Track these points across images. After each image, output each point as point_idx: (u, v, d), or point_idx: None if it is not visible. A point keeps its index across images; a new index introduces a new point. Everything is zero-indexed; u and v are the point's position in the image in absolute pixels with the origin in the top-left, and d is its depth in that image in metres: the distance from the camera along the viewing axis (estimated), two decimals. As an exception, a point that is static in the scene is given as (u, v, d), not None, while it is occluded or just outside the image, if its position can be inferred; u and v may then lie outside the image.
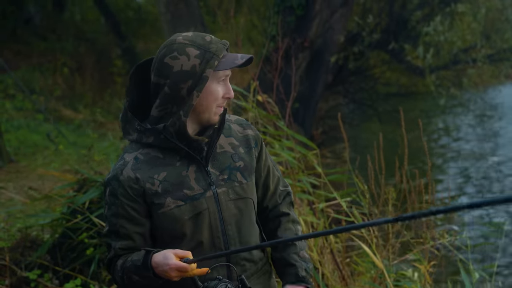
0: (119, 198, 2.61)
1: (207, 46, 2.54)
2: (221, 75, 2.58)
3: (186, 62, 2.52)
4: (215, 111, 2.61)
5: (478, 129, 18.00)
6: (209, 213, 2.62)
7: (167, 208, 2.58)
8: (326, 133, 15.40)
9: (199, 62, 2.52)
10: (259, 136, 2.84)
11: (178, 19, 13.54)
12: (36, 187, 8.11)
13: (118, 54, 20.23)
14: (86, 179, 6.00)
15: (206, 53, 2.52)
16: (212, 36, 2.61)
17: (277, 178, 2.90)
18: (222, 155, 2.71)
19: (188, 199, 2.60)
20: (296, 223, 2.89)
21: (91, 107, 16.51)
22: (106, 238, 2.69)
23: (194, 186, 2.61)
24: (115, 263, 2.67)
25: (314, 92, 12.79)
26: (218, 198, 2.64)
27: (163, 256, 2.47)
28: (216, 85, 2.58)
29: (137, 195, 2.59)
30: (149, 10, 22.96)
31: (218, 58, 2.53)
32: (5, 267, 5.52)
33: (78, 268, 5.54)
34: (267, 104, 5.88)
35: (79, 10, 23.10)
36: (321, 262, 4.96)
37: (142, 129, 2.63)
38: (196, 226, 2.61)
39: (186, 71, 2.53)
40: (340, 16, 12.63)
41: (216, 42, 2.57)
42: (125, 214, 2.61)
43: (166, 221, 2.61)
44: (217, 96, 2.59)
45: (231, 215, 2.67)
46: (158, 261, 2.48)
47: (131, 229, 2.62)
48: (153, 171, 2.61)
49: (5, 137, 11.12)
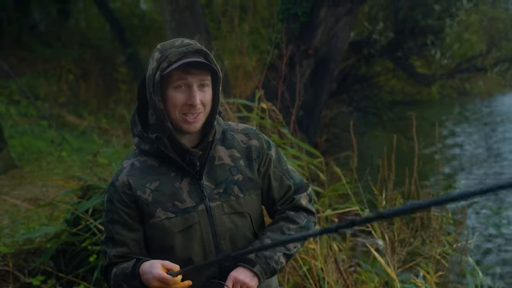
0: (114, 204, 2.61)
1: (167, 50, 2.50)
2: (175, 80, 2.50)
3: (151, 66, 2.52)
4: (181, 119, 2.54)
5: (484, 136, 17.97)
6: (201, 227, 2.59)
7: (157, 219, 2.57)
8: (330, 141, 15.39)
9: (156, 66, 2.49)
10: (263, 147, 2.76)
11: (183, 26, 13.55)
12: (40, 193, 8.10)
13: (122, 61, 20.26)
14: (90, 186, 6.00)
15: (162, 57, 2.49)
16: (186, 41, 2.55)
17: (287, 188, 2.79)
18: (220, 168, 2.67)
19: (179, 211, 2.57)
20: (289, 221, 2.74)
21: (95, 114, 16.54)
22: (102, 246, 2.69)
23: (186, 199, 2.59)
24: (110, 271, 2.67)
25: (318, 99, 12.77)
26: (212, 212, 2.60)
27: (149, 265, 2.47)
28: (173, 91, 2.51)
29: (130, 201, 2.59)
30: (153, 17, 22.99)
31: (169, 61, 2.46)
32: (9, 273, 5.52)
33: (81, 274, 5.54)
34: (272, 112, 5.87)
35: (84, 17, 23.16)
36: (325, 270, 4.94)
37: (140, 135, 2.64)
38: (186, 240, 2.58)
39: (149, 75, 2.53)
40: (344, 24, 12.62)
41: (180, 46, 2.51)
42: (120, 220, 2.61)
43: (156, 232, 2.59)
44: (175, 102, 2.51)
45: (226, 229, 2.62)
46: (144, 269, 2.47)
47: (126, 236, 2.62)
48: (146, 179, 2.60)
49: (10, 143, 11.12)
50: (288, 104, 6.31)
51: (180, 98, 2.51)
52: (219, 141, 2.72)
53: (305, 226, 2.76)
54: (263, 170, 2.74)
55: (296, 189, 2.81)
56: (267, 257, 2.61)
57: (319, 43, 12.43)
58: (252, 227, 2.71)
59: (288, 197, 2.80)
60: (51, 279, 5.54)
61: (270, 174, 2.76)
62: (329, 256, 5.07)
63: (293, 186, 2.81)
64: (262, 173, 2.74)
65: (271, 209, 2.81)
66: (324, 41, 12.50)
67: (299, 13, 12.24)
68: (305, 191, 2.84)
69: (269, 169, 2.76)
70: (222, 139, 2.73)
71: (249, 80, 14.18)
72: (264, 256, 2.61)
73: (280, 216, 2.77)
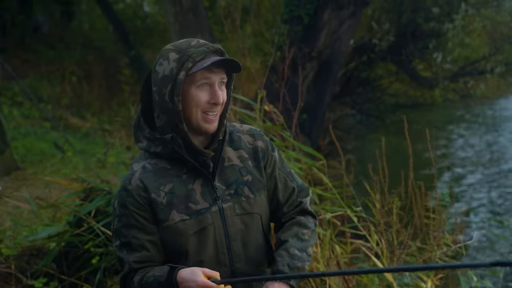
0: (128, 208, 2.58)
1: (187, 50, 2.52)
2: (198, 79, 2.52)
3: (167, 67, 2.52)
4: (202, 117, 2.56)
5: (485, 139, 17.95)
6: (214, 229, 2.60)
7: (172, 221, 2.56)
8: (333, 143, 15.38)
9: (175, 66, 2.50)
10: (268, 148, 2.78)
11: (186, 28, 13.57)
12: (42, 195, 8.11)
13: (126, 63, 20.26)
14: (93, 188, 6.00)
15: (183, 56, 2.50)
16: (201, 41, 2.57)
17: (291, 189, 2.82)
18: (230, 169, 2.68)
19: (193, 213, 2.57)
20: (302, 226, 2.78)
21: (98, 116, 16.54)
22: (118, 253, 2.63)
23: (199, 201, 2.59)
24: (130, 279, 2.62)
25: (321, 102, 12.78)
26: (224, 213, 2.61)
27: (190, 272, 2.44)
28: (196, 89, 2.53)
29: (146, 203, 2.58)
30: (157, 19, 22.99)
31: (193, 60, 2.48)
32: (11, 275, 5.52)
33: (84, 277, 5.53)
34: (273, 115, 5.87)
35: (87, 19, 23.16)
36: (327, 273, 4.93)
37: (151, 137, 2.62)
38: (200, 241, 2.58)
39: (166, 76, 2.52)
40: (348, 27, 12.63)
41: (199, 45, 2.53)
42: (136, 224, 2.58)
43: (170, 235, 2.58)
44: (198, 101, 2.53)
45: (237, 230, 2.64)
46: (184, 276, 2.44)
47: (144, 239, 2.59)
48: (159, 182, 2.59)
49: (12, 145, 11.12)
50: (290, 106, 6.31)
51: (204, 96, 2.54)
52: (227, 142, 2.73)
53: (314, 229, 2.82)
54: (269, 171, 2.77)
55: (299, 191, 2.84)
56: (299, 268, 2.65)
57: (322, 46, 12.45)
58: (262, 228, 2.73)
59: (293, 200, 2.83)
60: (53, 281, 5.53)
61: (276, 175, 2.79)
62: (331, 258, 5.07)
63: (296, 188, 2.84)
64: (268, 174, 2.76)
65: (276, 211, 2.82)
66: (327, 44, 12.52)
67: (303, 15, 12.25)
68: (308, 195, 2.88)
69: (274, 171, 2.79)
70: (230, 140, 2.75)
71: (252, 83, 14.18)
72: (297, 268, 2.64)
73: (291, 222, 2.80)
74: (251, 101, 5.90)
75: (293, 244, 2.68)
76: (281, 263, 2.62)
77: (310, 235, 2.77)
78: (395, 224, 4.90)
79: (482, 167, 14.24)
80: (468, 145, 17.01)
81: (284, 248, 2.67)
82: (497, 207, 10.56)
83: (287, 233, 2.74)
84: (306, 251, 2.70)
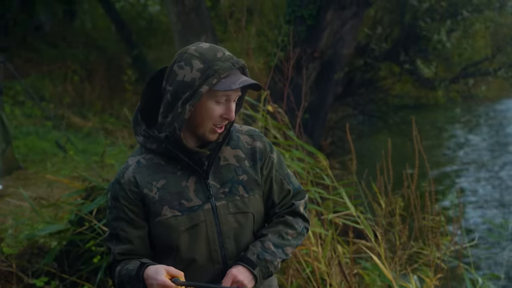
0: (120, 201, 2.62)
1: (213, 62, 2.51)
2: (219, 95, 2.54)
3: (189, 74, 2.52)
4: (210, 129, 2.59)
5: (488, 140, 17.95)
6: (206, 226, 2.61)
7: (164, 217, 2.58)
8: (335, 143, 15.37)
9: (199, 76, 2.50)
10: (266, 149, 2.78)
11: (189, 29, 13.55)
12: (44, 194, 8.10)
13: (128, 63, 20.25)
14: (94, 187, 6.00)
15: (209, 69, 2.50)
16: (227, 53, 2.57)
17: (286, 192, 2.82)
18: (225, 168, 2.69)
19: (185, 210, 2.59)
20: (287, 226, 2.76)
21: (100, 115, 16.53)
22: (107, 243, 2.69)
23: (192, 198, 2.61)
24: (114, 269, 2.66)
25: (324, 102, 12.78)
26: (217, 211, 2.63)
27: (154, 270, 2.46)
28: (214, 103, 2.55)
29: (137, 199, 2.60)
30: (160, 19, 22.99)
31: (218, 76, 2.49)
32: (12, 274, 5.52)
33: (85, 276, 5.53)
34: (277, 114, 5.86)
35: (89, 18, 23.16)
36: (329, 273, 4.93)
37: (146, 134, 2.64)
38: (192, 238, 2.60)
39: (186, 82, 2.52)
40: (350, 27, 12.62)
41: (226, 60, 2.54)
42: (125, 218, 2.61)
43: (162, 230, 2.60)
44: (212, 114, 2.56)
45: (230, 228, 2.65)
46: (149, 274, 2.47)
47: (131, 233, 2.62)
48: (152, 177, 2.61)
49: (14, 144, 11.12)
50: (294, 106, 6.30)
51: (218, 111, 2.56)
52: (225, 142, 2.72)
53: (301, 232, 2.80)
54: (265, 173, 2.76)
55: (294, 194, 2.84)
56: (268, 261, 2.64)
57: (325, 46, 12.45)
58: (253, 227, 2.73)
59: (287, 201, 2.82)
60: (54, 280, 5.53)
61: (272, 177, 2.79)
62: (333, 258, 5.06)
63: (292, 191, 2.83)
64: (264, 176, 2.76)
65: (269, 211, 2.81)
66: (330, 44, 12.51)
67: (306, 16, 12.25)
68: (303, 198, 2.88)
69: (271, 172, 2.79)
70: (228, 139, 2.74)
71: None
72: (265, 260, 2.63)
73: (278, 220, 2.79)
74: (254, 102, 5.89)
75: (270, 239, 2.68)
76: (252, 251, 2.63)
77: (294, 237, 2.76)
78: (398, 225, 4.89)
79: (484, 167, 14.25)
80: (470, 146, 17.01)
81: (260, 240, 2.68)
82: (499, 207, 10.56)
83: (269, 229, 2.74)
84: (283, 249, 2.69)
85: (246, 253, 2.63)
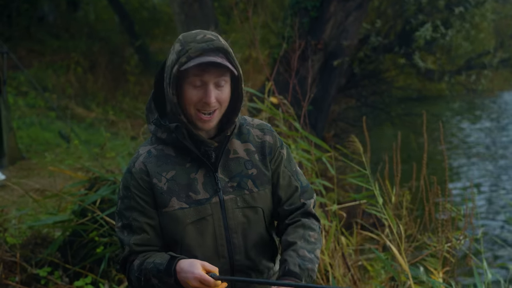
0: (131, 191, 2.60)
1: (188, 43, 2.48)
2: (190, 76, 2.49)
3: (170, 57, 2.52)
4: (196, 116, 2.54)
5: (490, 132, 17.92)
6: (213, 220, 2.59)
7: (171, 208, 2.57)
8: (338, 135, 15.35)
9: (175, 58, 2.48)
10: (276, 144, 2.76)
11: (192, 19, 13.56)
12: (47, 184, 8.10)
13: (131, 54, 20.24)
14: (97, 177, 6.00)
15: (182, 50, 2.47)
16: (207, 36, 2.52)
17: (294, 188, 2.78)
18: (235, 162, 2.67)
19: (193, 203, 2.57)
20: (307, 229, 2.71)
21: (103, 106, 16.53)
22: (120, 234, 2.65)
23: (200, 191, 2.59)
24: (131, 262, 2.63)
25: (327, 94, 12.74)
26: (224, 205, 2.61)
27: (189, 264, 2.43)
28: (191, 87, 2.51)
29: (147, 188, 2.58)
30: (163, 10, 22.96)
31: (188, 56, 2.45)
32: (16, 264, 5.52)
33: (89, 266, 5.53)
34: (282, 106, 5.86)
35: (93, 9, 23.14)
36: (332, 265, 4.93)
37: (158, 123, 2.62)
38: (198, 232, 2.58)
39: (168, 66, 2.52)
40: (354, 19, 12.58)
41: (202, 41, 2.49)
42: (137, 207, 2.59)
43: (168, 222, 2.59)
44: (189, 98, 2.51)
45: (238, 223, 2.63)
46: (183, 267, 2.44)
47: (144, 222, 2.59)
48: (162, 167, 2.60)
49: (17, 134, 11.13)
50: (300, 97, 6.30)
51: (195, 95, 2.51)
52: (235, 135, 2.70)
53: (319, 232, 2.77)
54: (273, 167, 2.74)
55: (302, 192, 2.80)
56: (310, 269, 2.59)
57: (328, 38, 12.40)
58: (264, 222, 2.70)
59: (295, 199, 2.78)
60: (58, 270, 5.53)
61: (280, 172, 2.76)
62: (336, 250, 5.06)
63: (300, 188, 2.80)
64: (272, 170, 2.74)
65: (277, 208, 2.78)
66: (333, 36, 12.47)
67: (309, 7, 12.21)
68: (312, 197, 2.84)
69: (279, 167, 2.76)
70: (238, 133, 2.72)
71: (259, 74, 14.15)
72: (307, 269, 2.59)
73: (296, 224, 2.73)
74: (259, 93, 5.88)
75: (302, 246, 2.63)
76: (292, 263, 2.57)
77: (316, 238, 2.72)
78: (405, 217, 4.89)
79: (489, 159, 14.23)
80: (474, 138, 17.00)
81: (293, 249, 2.62)
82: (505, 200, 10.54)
83: (294, 235, 2.68)
84: (314, 253, 2.66)
85: (287, 266, 2.57)
